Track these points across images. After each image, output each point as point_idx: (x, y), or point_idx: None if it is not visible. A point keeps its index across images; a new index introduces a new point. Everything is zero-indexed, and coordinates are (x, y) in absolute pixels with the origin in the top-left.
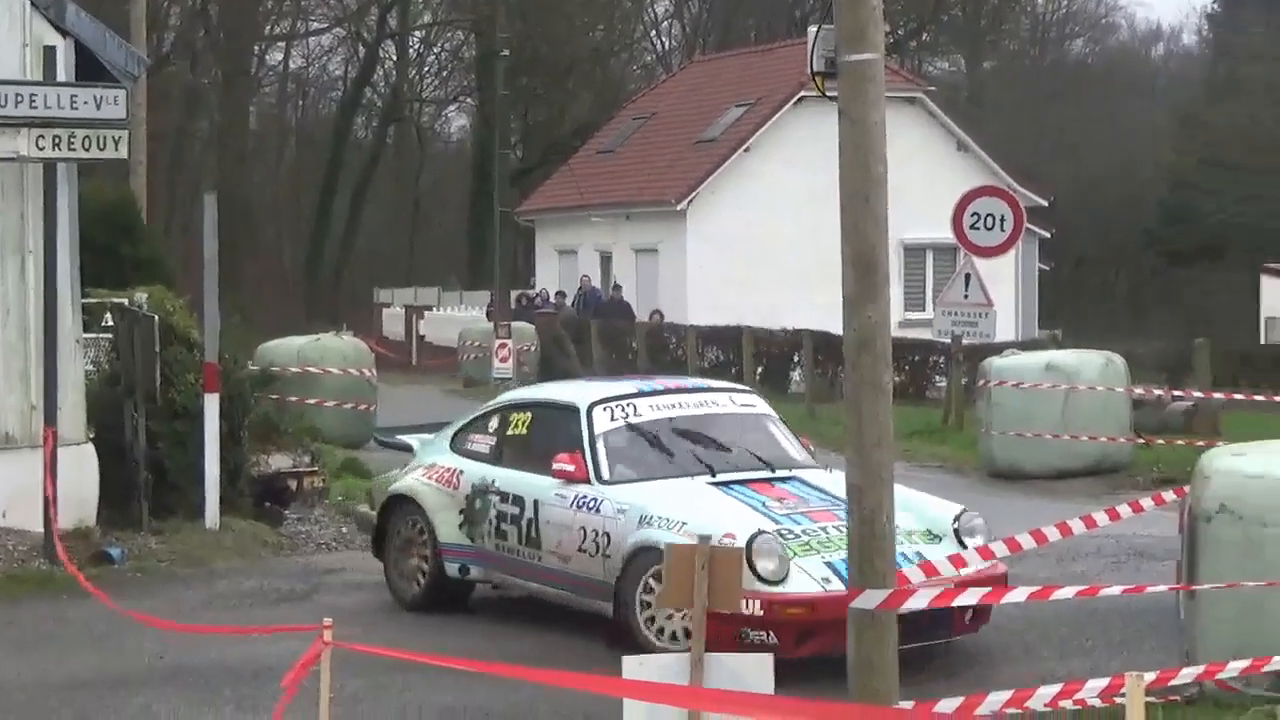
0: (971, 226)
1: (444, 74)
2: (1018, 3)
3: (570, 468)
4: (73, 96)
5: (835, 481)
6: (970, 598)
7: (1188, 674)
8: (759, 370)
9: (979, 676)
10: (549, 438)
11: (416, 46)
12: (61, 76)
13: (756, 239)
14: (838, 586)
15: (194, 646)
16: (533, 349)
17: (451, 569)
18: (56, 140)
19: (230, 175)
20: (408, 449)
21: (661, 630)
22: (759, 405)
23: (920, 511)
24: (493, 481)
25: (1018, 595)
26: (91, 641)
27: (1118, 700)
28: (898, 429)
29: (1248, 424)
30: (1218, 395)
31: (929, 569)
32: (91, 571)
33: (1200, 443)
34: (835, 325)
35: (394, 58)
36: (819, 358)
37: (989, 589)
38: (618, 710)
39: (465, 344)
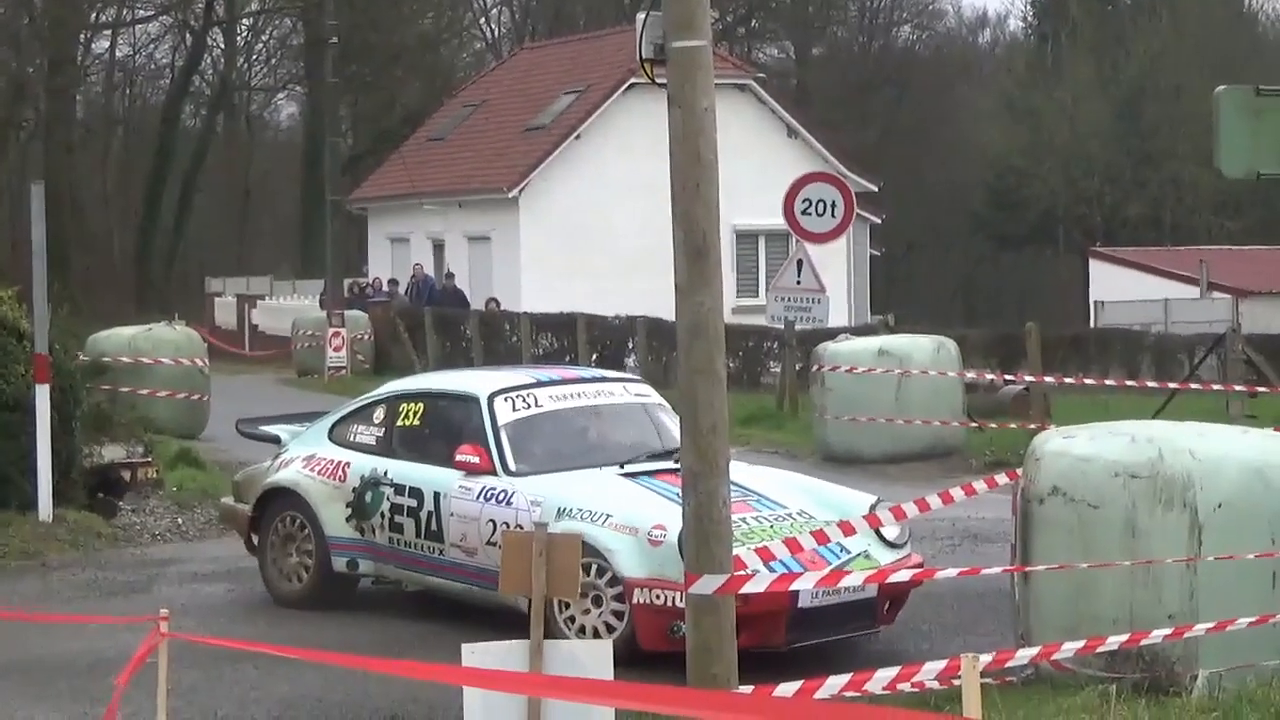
0: (803, 212)
1: (272, 62)
2: None
3: (474, 459)
4: None
5: (737, 471)
6: (808, 581)
7: (1023, 655)
8: (594, 357)
9: (817, 660)
10: (446, 429)
11: (244, 34)
12: None
13: (589, 226)
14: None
15: (29, 640)
16: (367, 338)
17: (339, 563)
18: None
19: (58, 165)
20: (275, 440)
21: (579, 626)
22: (652, 395)
23: (833, 503)
24: (385, 473)
25: (854, 579)
26: None
27: (955, 682)
28: (733, 415)
29: (1078, 407)
30: (1048, 379)
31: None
32: None
33: (1032, 426)
34: (669, 311)
35: (222, 45)
36: (653, 344)
37: (823, 573)
38: (454, 697)
39: (299, 333)
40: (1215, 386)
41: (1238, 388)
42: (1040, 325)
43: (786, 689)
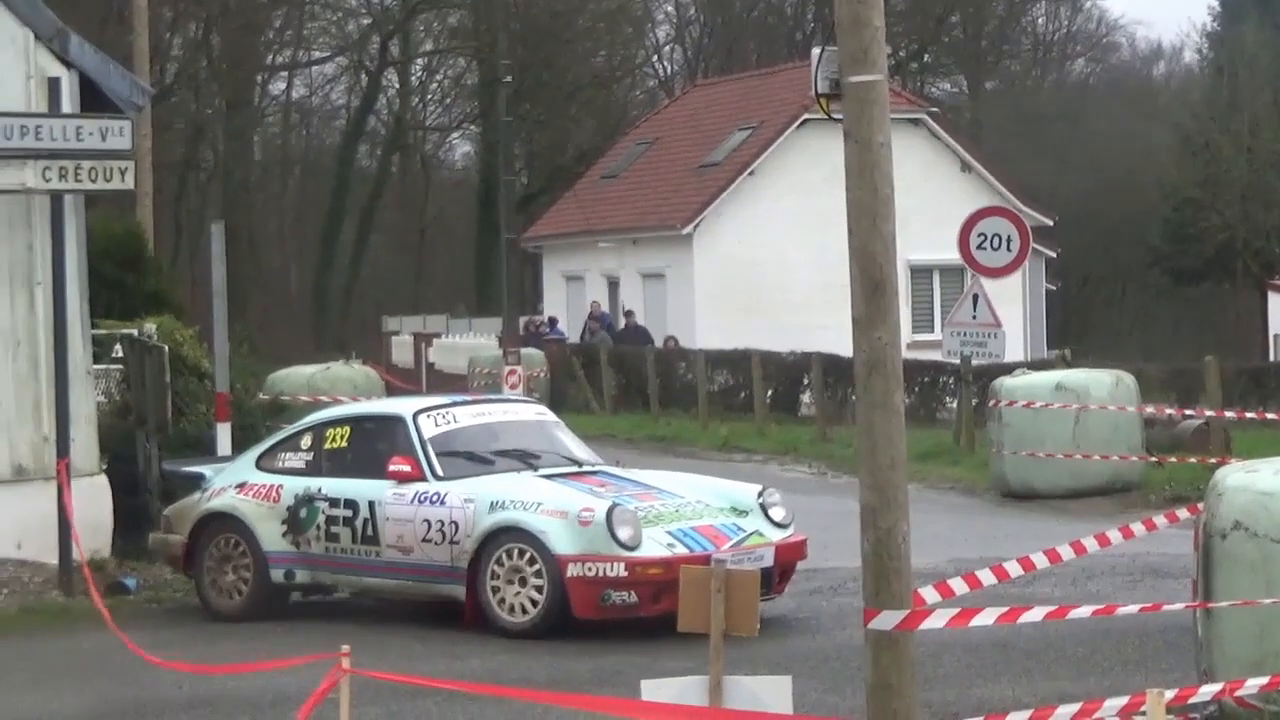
0: (978, 247)
1: (447, 101)
2: (1018, 23)
3: (406, 468)
4: (78, 128)
5: (632, 473)
6: (987, 618)
7: (1206, 691)
8: (769, 394)
9: (998, 696)
10: (374, 446)
11: (419, 74)
12: (66, 108)
13: (763, 262)
14: (681, 551)
15: (212, 675)
16: (542, 375)
17: (276, 575)
18: (63, 172)
19: (236, 205)
20: (199, 477)
21: (503, 601)
22: (550, 415)
23: (723, 493)
24: (319, 490)
25: (1035, 615)
26: (109, 672)
27: (1136, 719)
28: (909, 451)
29: (1258, 441)
30: (1228, 413)
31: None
32: (107, 602)
33: (1212, 461)
34: (843, 347)
35: (396, 86)
36: (828, 380)
37: (1005, 609)
38: None
39: (475, 371)
40: None
41: None
42: (1219, 359)
43: None
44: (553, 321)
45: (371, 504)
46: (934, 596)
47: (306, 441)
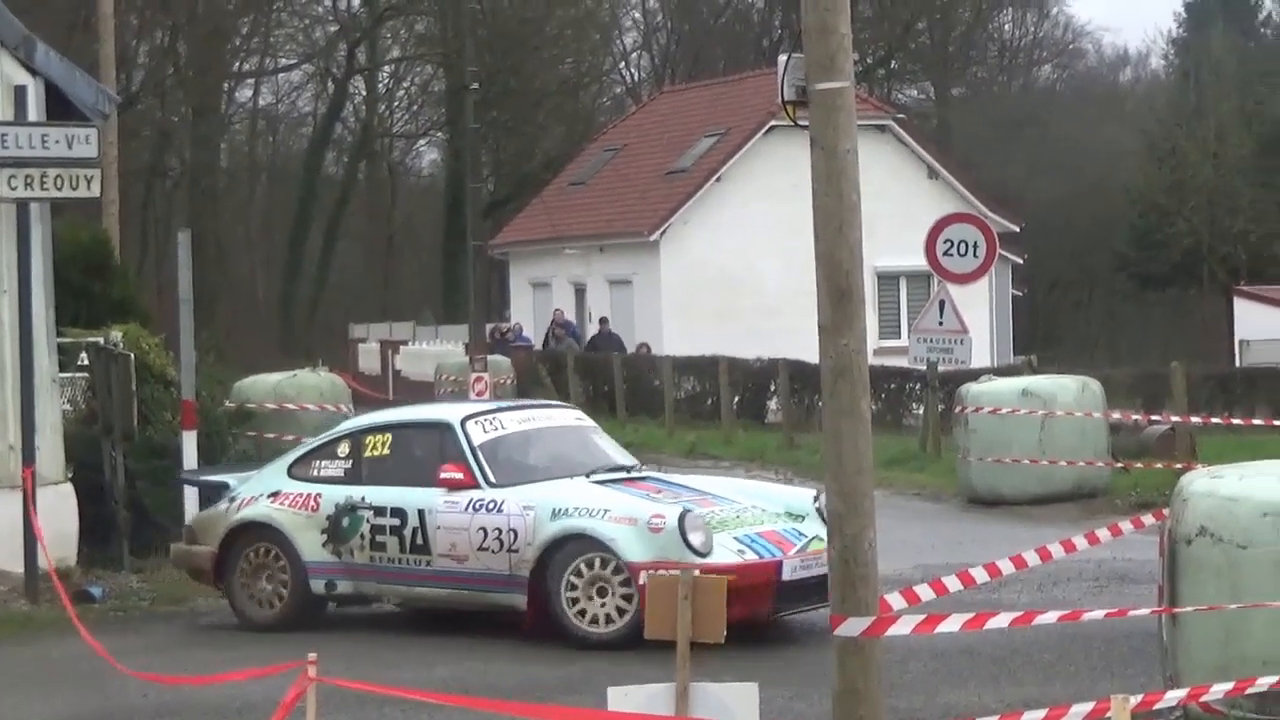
0: (945, 253)
1: (414, 108)
2: (985, 29)
3: (458, 475)
4: (44, 136)
5: (679, 477)
6: (953, 624)
7: (1172, 697)
8: (736, 400)
9: (964, 702)
10: (419, 454)
11: (386, 81)
12: (32, 116)
13: (730, 268)
14: (751, 557)
15: (179, 683)
16: (509, 382)
17: (317, 585)
18: (29, 180)
19: (202, 212)
20: (222, 485)
21: (582, 612)
22: (588, 420)
23: (776, 498)
24: (362, 498)
25: (1001, 621)
26: (76, 681)
27: None
28: (875, 457)
29: (1224, 447)
30: (1194, 419)
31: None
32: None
33: (1178, 466)
34: (810, 354)
35: (363, 93)
36: (795, 386)
37: (971, 615)
38: None
39: (441, 378)
40: None
41: None
42: (1185, 364)
43: None
44: (518, 329)
45: (421, 512)
46: (900, 603)
47: (344, 449)
